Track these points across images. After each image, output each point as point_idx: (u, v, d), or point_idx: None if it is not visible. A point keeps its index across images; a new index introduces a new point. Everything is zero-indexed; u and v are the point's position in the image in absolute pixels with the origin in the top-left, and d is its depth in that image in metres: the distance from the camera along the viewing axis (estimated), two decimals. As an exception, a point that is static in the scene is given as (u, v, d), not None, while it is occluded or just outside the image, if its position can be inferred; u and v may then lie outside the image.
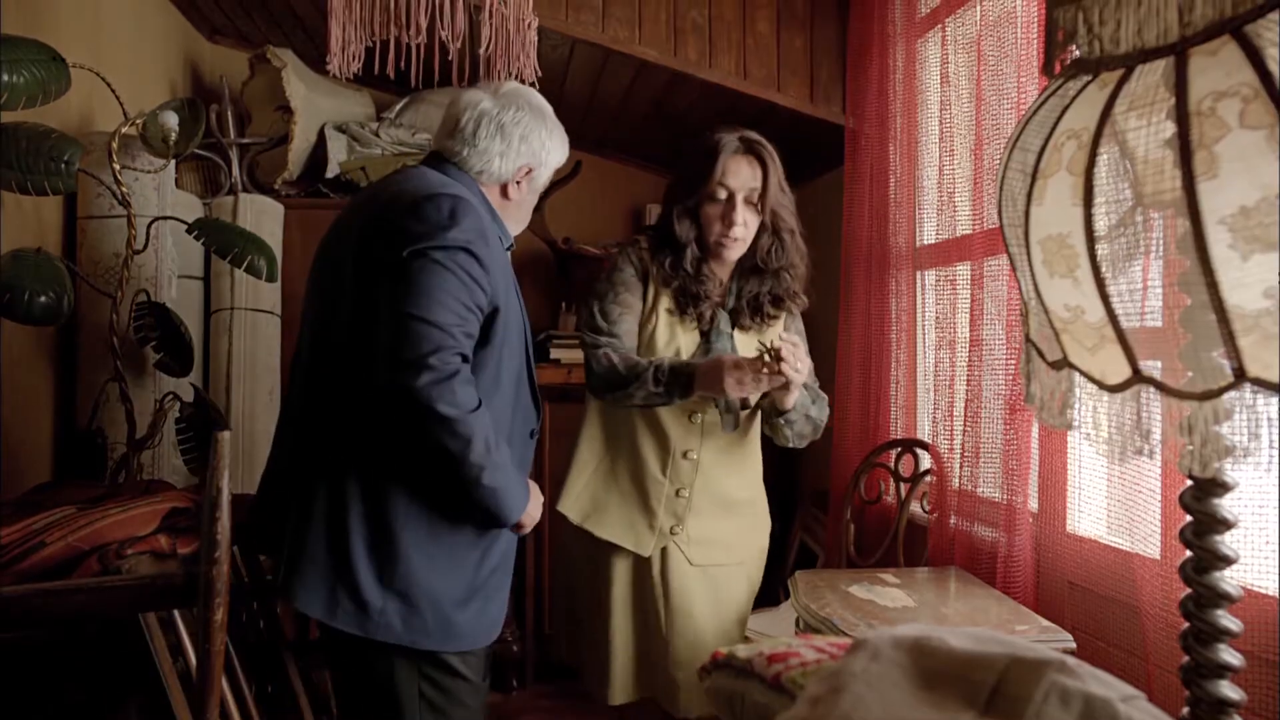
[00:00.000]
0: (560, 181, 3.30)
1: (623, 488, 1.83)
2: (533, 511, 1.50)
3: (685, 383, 1.69)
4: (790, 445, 1.84)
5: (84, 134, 2.23)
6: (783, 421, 1.78)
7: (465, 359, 1.36)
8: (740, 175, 1.74)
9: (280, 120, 2.96)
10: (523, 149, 1.55)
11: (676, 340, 1.80)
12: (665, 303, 1.81)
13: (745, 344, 1.82)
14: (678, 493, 1.80)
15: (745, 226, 1.75)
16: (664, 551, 1.82)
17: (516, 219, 1.64)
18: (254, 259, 2.19)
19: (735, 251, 1.78)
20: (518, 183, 1.58)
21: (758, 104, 2.68)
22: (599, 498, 1.85)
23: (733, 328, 1.83)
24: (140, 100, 2.44)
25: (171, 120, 2.14)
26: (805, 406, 1.79)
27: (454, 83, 1.83)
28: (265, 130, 3.02)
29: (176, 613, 1.36)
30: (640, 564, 1.83)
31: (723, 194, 1.73)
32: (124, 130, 2.12)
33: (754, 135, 1.78)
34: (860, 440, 2.48)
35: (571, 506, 1.85)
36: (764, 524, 1.97)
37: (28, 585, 1.28)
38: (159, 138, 2.12)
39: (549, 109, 1.61)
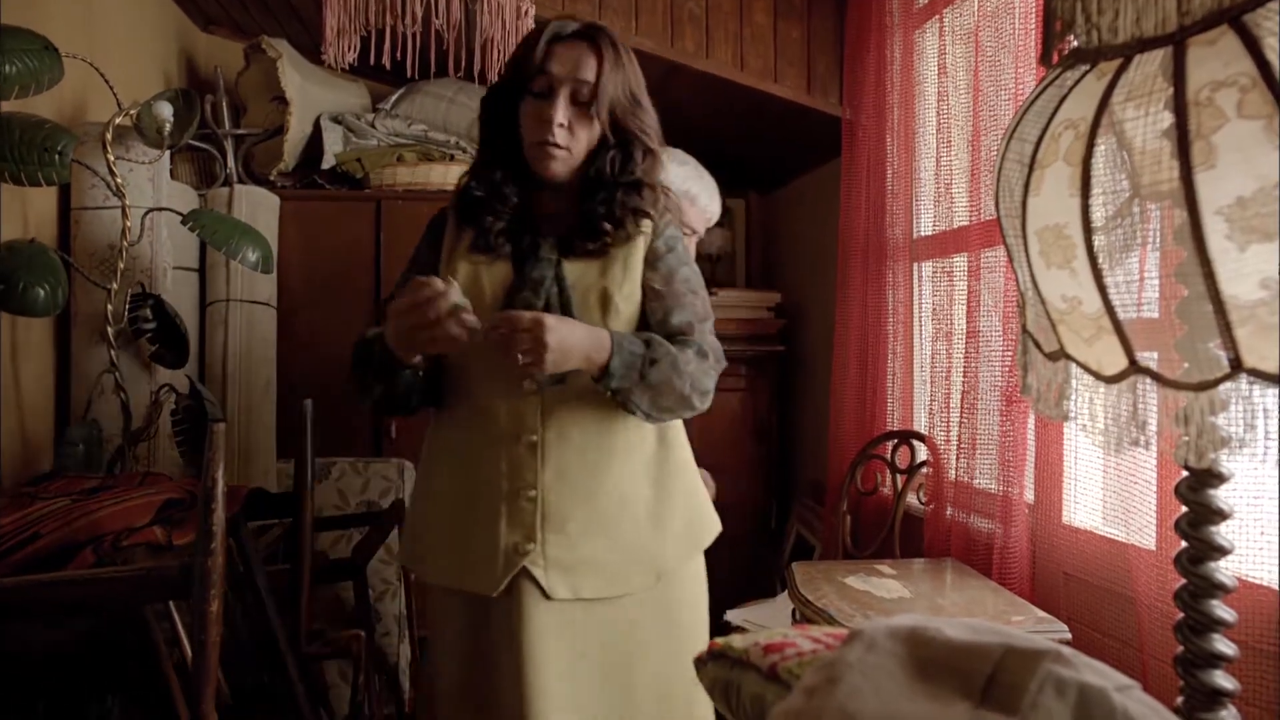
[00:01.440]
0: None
1: (445, 503, 1.37)
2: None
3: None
4: (647, 419, 1.36)
5: (78, 124, 2.22)
6: (606, 390, 1.30)
7: None
8: (565, 61, 1.32)
9: (276, 111, 2.95)
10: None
11: (480, 280, 1.36)
12: (466, 242, 1.40)
13: (582, 274, 1.35)
14: (520, 495, 1.30)
15: (571, 131, 1.33)
16: (514, 587, 1.30)
17: None
18: (249, 251, 2.18)
19: (561, 165, 1.34)
20: None
21: (755, 95, 2.67)
22: (418, 525, 1.43)
23: (561, 254, 1.37)
24: (134, 91, 2.43)
25: (166, 111, 2.12)
26: (634, 368, 1.29)
27: (450, 73, 1.82)
28: (261, 121, 3.00)
29: (172, 604, 1.36)
30: (479, 610, 1.34)
31: (541, 85, 1.32)
32: (118, 121, 2.11)
33: (599, 24, 1.42)
34: (857, 432, 2.48)
35: (401, 549, 1.46)
36: (685, 532, 1.41)
37: (22, 576, 1.28)
38: (153, 128, 2.11)
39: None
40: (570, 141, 1.33)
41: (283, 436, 2.75)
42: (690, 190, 2.06)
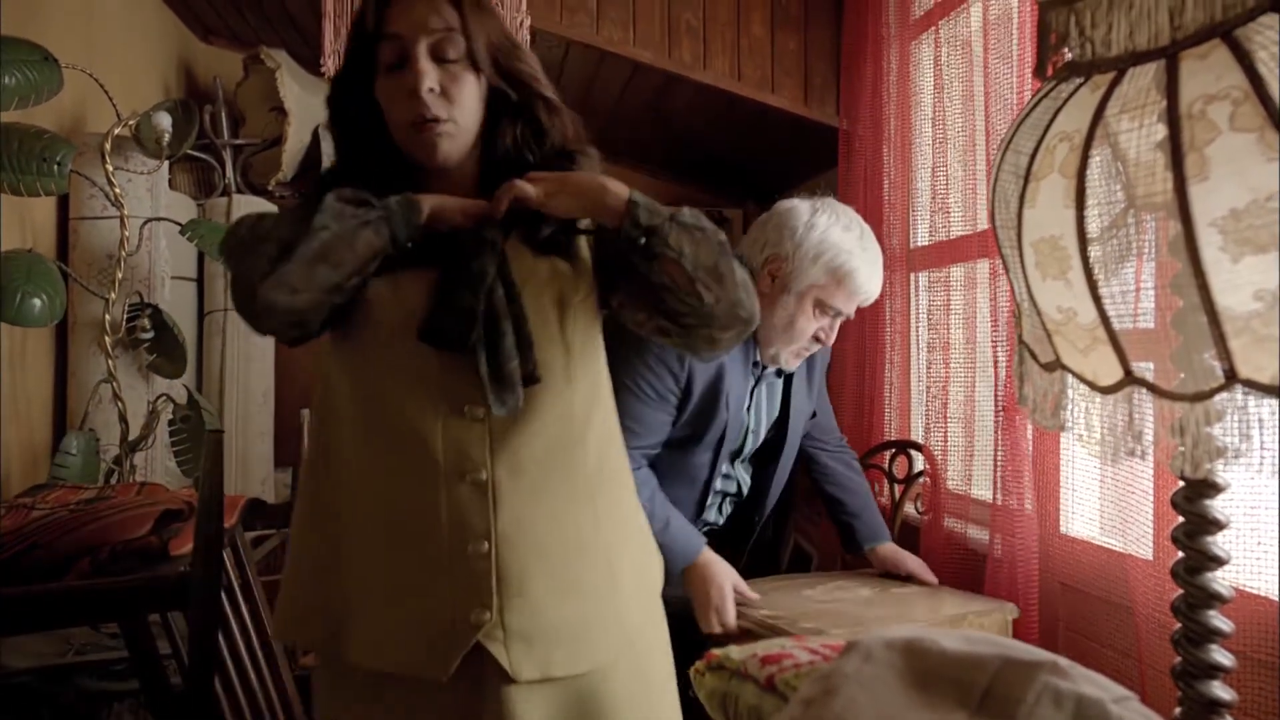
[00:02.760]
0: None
1: (360, 557, 1.05)
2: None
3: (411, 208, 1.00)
4: (690, 292, 1.00)
5: (77, 135, 2.22)
6: (630, 236, 0.99)
7: None
8: (408, 14, 1.02)
9: (274, 121, 2.96)
10: (772, 236, 1.71)
11: (402, 290, 1.04)
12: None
13: (531, 270, 1.07)
14: (468, 549, 1.01)
15: (447, 97, 1.02)
16: (467, 668, 1.01)
17: (770, 326, 1.72)
18: (248, 260, 2.18)
19: (450, 142, 1.04)
20: (771, 277, 1.70)
21: (752, 105, 2.69)
22: (317, 585, 1.07)
23: (506, 242, 1.08)
24: (133, 101, 2.44)
25: (165, 121, 2.13)
26: (659, 211, 1.01)
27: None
28: (259, 131, 3.01)
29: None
30: (419, 701, 1.03)
31: (391, 54, 1.02)
32: (117, 131, 2.12)
33: None
34: (854, 441, 2.48)
35: (281, 629, 1.13)
36: (638, 580, 1.15)
37: (20, 587, 1.27)
38: (152, 139, 2.12)
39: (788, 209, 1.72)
40: (451, 110, 1.02)
41: (280, 445, 2.75)
42: (845, 266, 1.71)
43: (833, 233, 1.71)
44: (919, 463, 2.22)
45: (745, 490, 1.97)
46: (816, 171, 3.10)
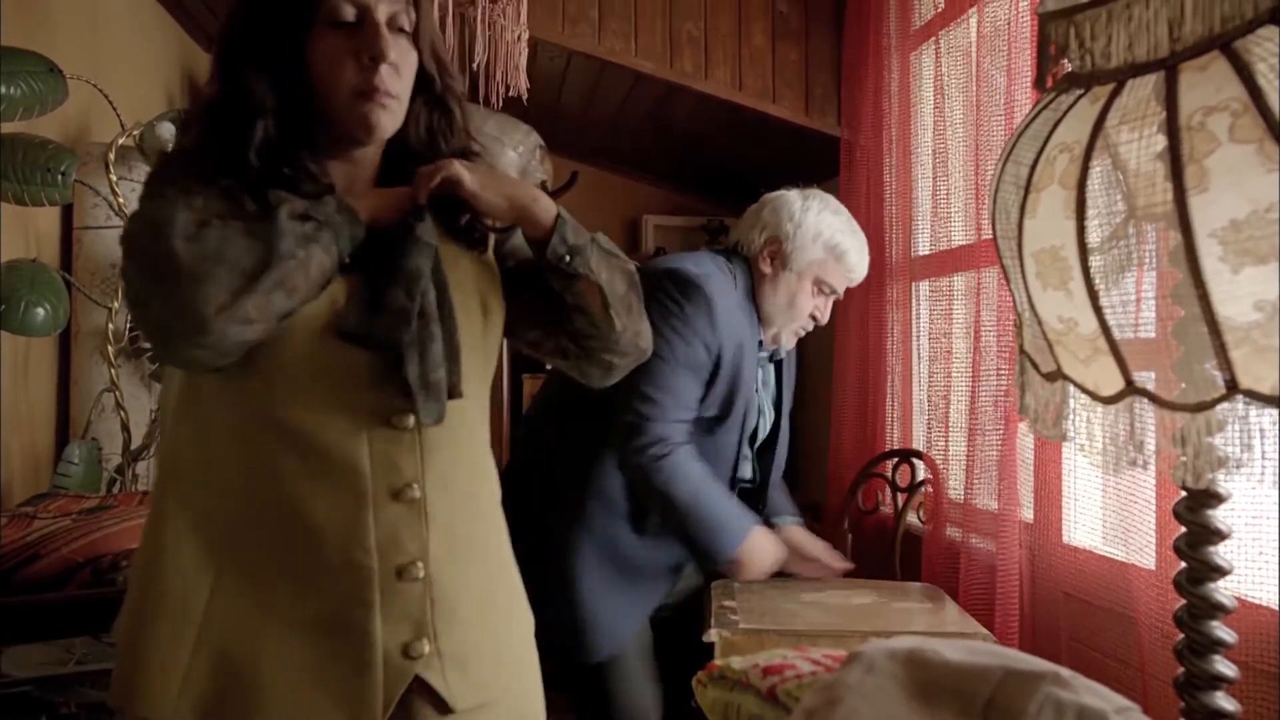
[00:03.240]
0: (557, 191, 3.30)
1: (256, 610, 0.90)
2: None
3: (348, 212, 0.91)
4: (603, 320, 1.01)
5: (81, 145, 2.23)
6: (556, 254, 0.97)
7: None
8: None
9: (277, 131, 2.97)
10: (769, 220, 1.79)
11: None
12: None
13: (464, 272, 1.01)
14: (403, 574, 0.92)
15: (399, 73, 0.95)
16: (406, 706, 0.93)
17: (773, 304, 1.81)
18: (250, 270, 2.19)
19: (391, 119, 0.96)
20: (770, 258, 1.80)
21: (753, 115, 2.69)
22: (182, 651, 0.89)
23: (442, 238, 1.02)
24: (138, 111, 2.45)
25: (168, 131, 2.14)
26: (583, 231, 1.00)
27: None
28: (262, 141, 3.02)
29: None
30: None
31: (349, 12, 0.92)
32: (121, 141, 2.13)
33: None
34: (857, 450, 2.48)
35: (168, 702, 0.89)
36: (527, 610, 1.09)
37: (21, 597, 1.28)
38: (156, 148, 2.12)
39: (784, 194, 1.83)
40: (399, 85, 0.95)
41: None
42: (840, 245, 1.82)
43: (825, 215, 1.83)
44: (921, 471, 2.22)
45: (757, 477, 1.97)
46: (817, 180, 3.09)
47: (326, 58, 0.92)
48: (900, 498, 2.25)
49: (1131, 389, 0.83)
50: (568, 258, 0.97)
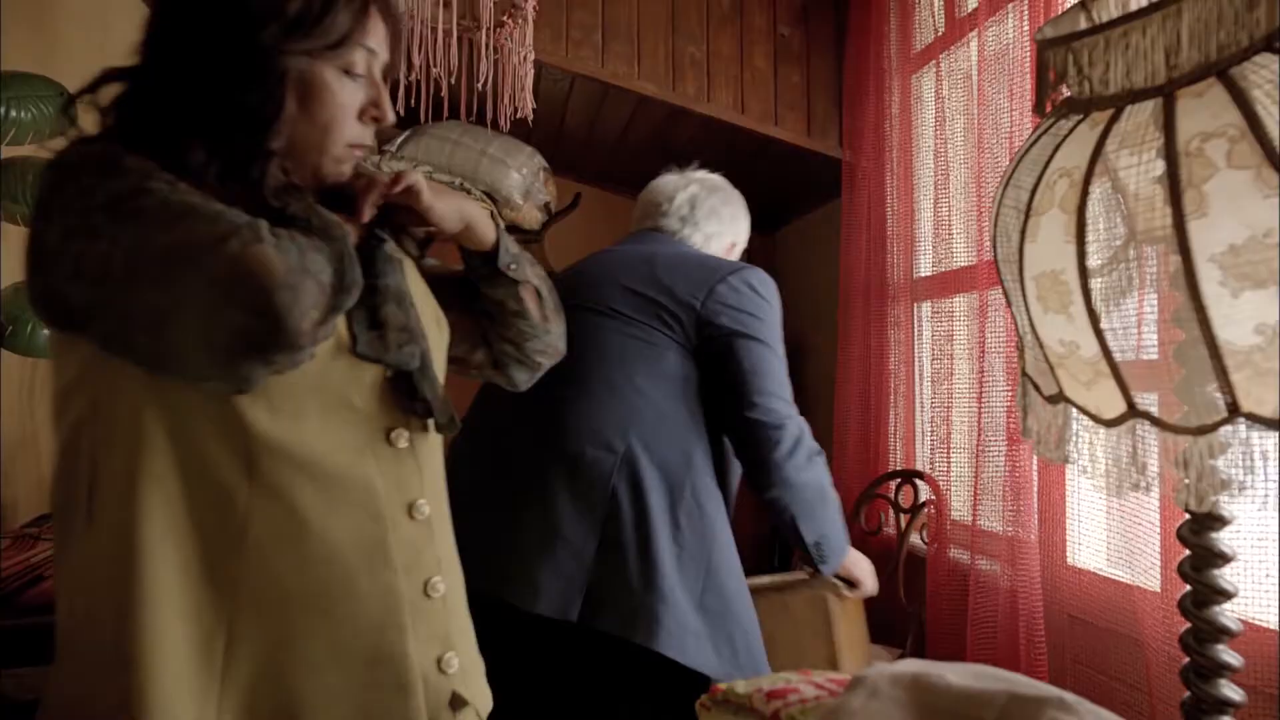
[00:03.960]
0: (560, 213, 3.32)
1: (300, 638, 0.84)
2: None
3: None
4: (533, 338, 1.08)
5: (89, 168, 2.25)
6: (499, 269, 1.02)
7: None
8: (377, 32, 0.93)
9: (283, 153, 2.99)
10: (730, 227, 1.75)
11: None
12: None
13: (421, 289, 1.03)
14: (427, 590, 0.93)
15: None
16: None
17: None
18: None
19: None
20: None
21: (756, 137, 2.71)
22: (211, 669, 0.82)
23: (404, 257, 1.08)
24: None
25: (176, 154, 2.16)
26: (522, 256, 1.06)
27: (461, 117, 1.85)
28: (268, 163, 3.04)
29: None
30: None
31: (360, 63, 0.91)
32: (128, 164, 2.14)
33: None
34: (860, 471, 2.48)
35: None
36: None
37: (25, 619, 1.28)
38: (163, 171, 2.14)
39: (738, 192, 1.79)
40: None
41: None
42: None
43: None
44: (925, 492, 2.22)
45: None
46: (819, 202, 3.13)
47: (337, 103, 0.89)
48: (903, 519, 2.24)
49: (1134, 412, 0.83)
50: (513, 265, 1.03)
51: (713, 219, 1.73)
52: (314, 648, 0.84)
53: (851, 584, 1.64)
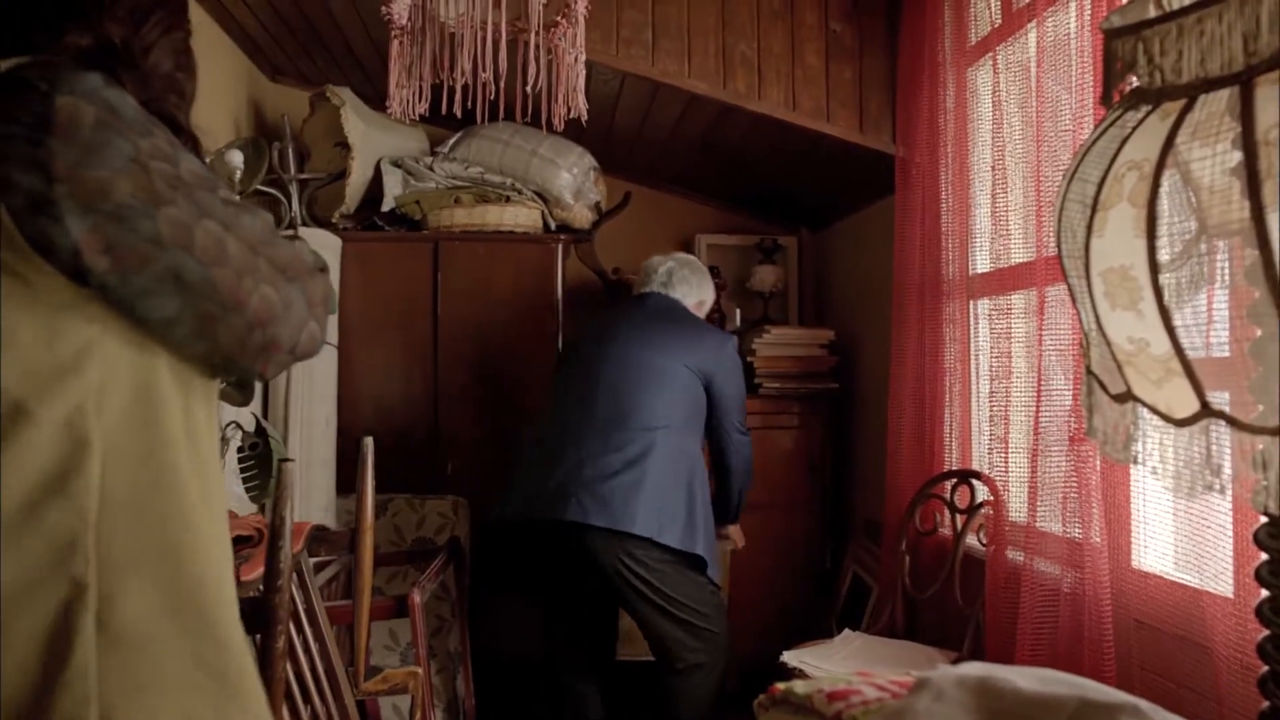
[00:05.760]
0: (610, 212, 3.34)
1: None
2: None
3: None
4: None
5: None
6: None
7: None
8: None
9: (338, 156, 3.05)
10: (696, 290, 2.57)
11: None
12: None
13: None
14: None
15: None
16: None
17: None
18: (313, 292, 2.25)
19: None
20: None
21: (807, 134, 2.69)
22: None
23: None
24: (206, 140, 2.53)
25: (237, 159, 2.22)
26: None
27: (516, 118, 1.86)
28: (324, 166, 3.10)
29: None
30: None
31: None
32: (192, 169, 2.21)
33: None
34: (914, 471, 2.44)
35: None
36: None
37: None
38: (225, 176, 2.20)
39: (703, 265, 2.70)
40: None
41: (342, 472, 2.81)
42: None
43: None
44: (982, 493, 2.18)
45: None
46: (871, 198, 3.09)
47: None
48: (959, 519, 2.20)
49: (1207, 411, 0.81)
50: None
51: (683, 284, 2.54)
52: None
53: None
